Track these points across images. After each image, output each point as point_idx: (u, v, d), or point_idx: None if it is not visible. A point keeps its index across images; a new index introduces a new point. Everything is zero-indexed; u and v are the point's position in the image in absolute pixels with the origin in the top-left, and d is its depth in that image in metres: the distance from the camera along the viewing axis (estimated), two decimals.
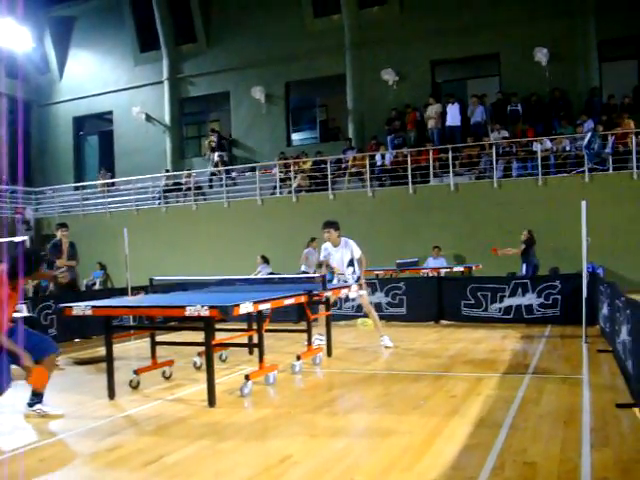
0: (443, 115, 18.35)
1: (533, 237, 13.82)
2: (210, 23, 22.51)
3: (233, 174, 20.56)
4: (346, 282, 8.77)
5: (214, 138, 21.74)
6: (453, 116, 18.03)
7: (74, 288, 10.97)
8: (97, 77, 24.54)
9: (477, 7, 18.51)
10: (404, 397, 5.81)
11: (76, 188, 23.12)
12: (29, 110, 25.15)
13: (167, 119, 23.18)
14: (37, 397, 5.62)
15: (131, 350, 9.61)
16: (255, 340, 6.71)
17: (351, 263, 8.91)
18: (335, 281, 9.03)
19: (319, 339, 8.65)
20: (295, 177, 18.64)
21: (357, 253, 8.89)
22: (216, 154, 21.33)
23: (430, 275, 13.69)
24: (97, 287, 19.85)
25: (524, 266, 13.79)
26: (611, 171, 15.18)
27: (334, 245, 8.90)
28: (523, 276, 12.48)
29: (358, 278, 8.91)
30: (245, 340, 7.86)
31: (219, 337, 6.67)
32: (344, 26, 20.29)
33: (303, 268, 14.64)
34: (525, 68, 18.05)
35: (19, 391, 5.78)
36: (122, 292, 11.20)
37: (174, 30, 23.02)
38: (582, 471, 3.73)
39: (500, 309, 10.77)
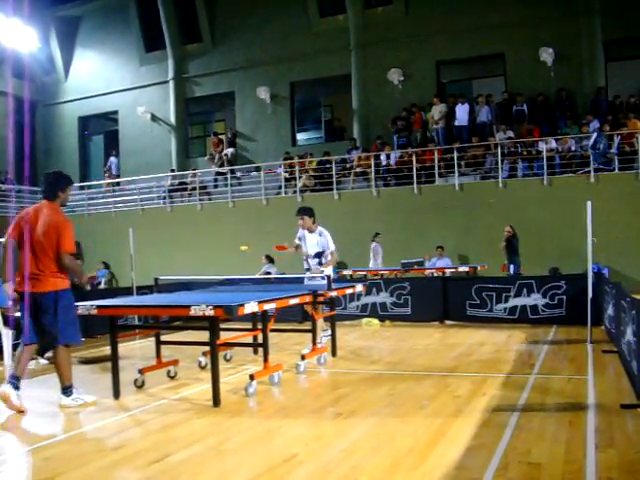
0: (448, 115, 18.33)
1: (516, 233, 13.87)
2: (215, 23, 22.53)
3: (238, 174, 20.57)
4: (309, 269, 8.66)
5: (228, 135, 21.92)
6: (461, 116, 17.99)
7: (79, 288, 10.98)
8: (102, 77, 24.58)
9: (482, 7, 18.45)
10: (409, 397, 5.81)
11: (81, 188, 23.16)
12: (34, 110, 25.20)
13: (172, 119, 23.21)
14: (70, 387, 5.82)
15: (136, 349, 9.64)
16: (260, 340, 6.71)
17: (319, 255, 8.64)
18: (305, 265, 8.87)
19: (325, 336, 8.58)
20: (300, 177, 18.64)
21: (330, 247, 8.60)
22: (230, 150, 21.42)
23: (435, 275, 13.68)
24: (102, 286, 19.88)
25: (511, 267, 13.73)
26: (617, 171, 15.12)
27: (309, 231, 8.76)
28: (528, 276, 12.45)
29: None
30: (250, 340, 7.87)
31: (224, 337, 6.69)
32: (349, 26, 20.28)
33: (372, 263, 15.54)
34: (531, 68, 18.00)
35: (25, 390, 5.80)
36: (127, 291, 11.23)
37: (179, 30, 23.04)
38: (587, 472, 3.72)
39: (505, 309, 10.76)
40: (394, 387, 6.25)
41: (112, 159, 23.76)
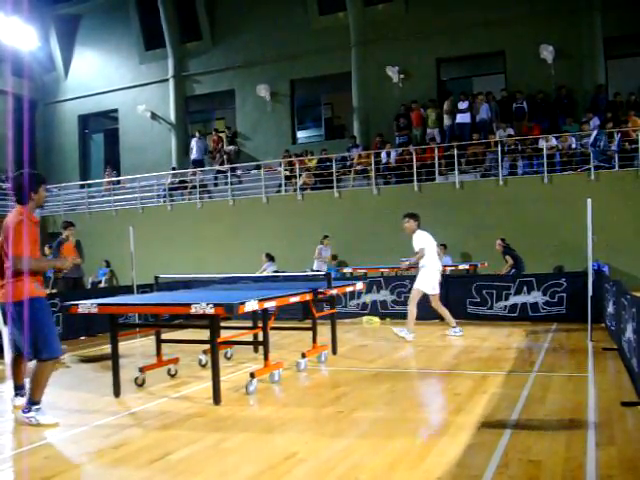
0: (448, 112, 18.33)
1: (508, 245, 13.71)
2: (215, 21, 22.52)
3: (238, 172, 20.58)
4: None
5: (227, 133, 21.94)
6: (462, 113, 17.97)
7: (79, 286, 11.00)
8: (102, 75, 24.59)
9: (482, 4, 18.43)
10: (409, 395, 5.82)
11: (82, 186, 23.18)
12: (35, 108, 25.19)
13: (172, 117, 23.21)
14: (33, 404, 5.20)
15: (137, 348, 9.63)
16: (260, 338, 6.71)
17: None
18: None
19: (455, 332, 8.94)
20: (300, 175, 18.63)
21: (416, 247, 9.60)
22: (230, 148, 21.42)
23: None
24: (102, 285, 19.90)
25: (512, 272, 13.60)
26: (617, 169, 15.11)
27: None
28: (528, 274, 12.44)
29: None
30: (250, 338, 7.87)
31: (224, 335, 6.68)
32: (349, 24, 20.27)
33: (316, 264, 15.11)
34: (531, 65, 17.99)
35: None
36: (128, 290, 11.23)
37: (179, 28, 23.04)
38: (587, 469, 3.72)
39: (505, 307, 10.76)
40: (394, 385, 6.25)
41: (195, 141, 21.71)
